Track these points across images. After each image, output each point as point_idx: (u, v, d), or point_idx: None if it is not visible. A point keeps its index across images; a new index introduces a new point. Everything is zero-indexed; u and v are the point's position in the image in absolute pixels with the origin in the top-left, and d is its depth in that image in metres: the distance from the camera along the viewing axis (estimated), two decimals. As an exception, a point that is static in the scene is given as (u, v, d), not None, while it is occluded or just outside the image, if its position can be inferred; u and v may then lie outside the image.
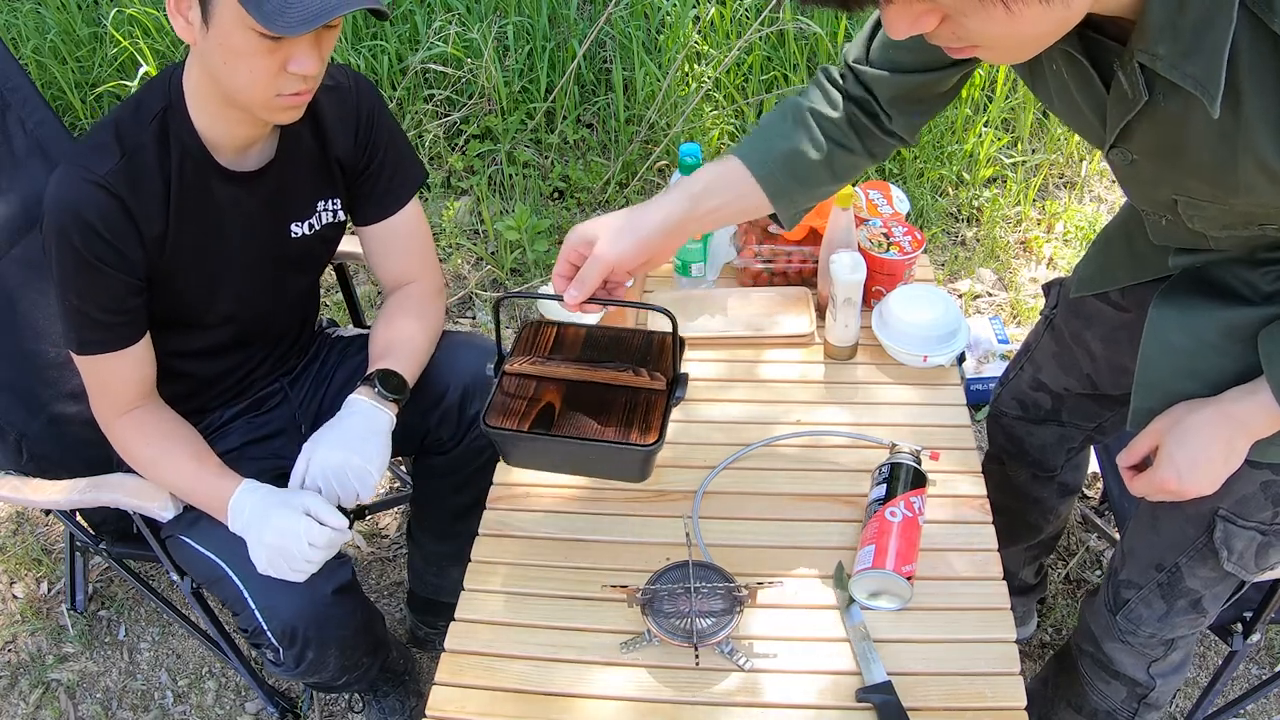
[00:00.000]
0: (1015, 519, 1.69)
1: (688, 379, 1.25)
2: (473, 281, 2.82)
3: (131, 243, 1.30)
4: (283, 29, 1.14)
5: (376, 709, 1.81)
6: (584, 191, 3.07)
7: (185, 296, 1.41)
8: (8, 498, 1.53)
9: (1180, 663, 1.40)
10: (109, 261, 1.28)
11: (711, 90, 3.09)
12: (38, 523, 2.30)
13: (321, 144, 1.44)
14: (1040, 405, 1.52)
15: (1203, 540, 1.21)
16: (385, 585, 2.12)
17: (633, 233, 1.14)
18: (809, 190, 1.24)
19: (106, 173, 1.25)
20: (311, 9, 1.14)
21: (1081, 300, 1.38)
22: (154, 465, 1.41)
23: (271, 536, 1.31)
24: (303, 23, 1.14)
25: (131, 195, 1.27)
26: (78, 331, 1.33)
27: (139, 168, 1.28)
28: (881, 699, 1.13)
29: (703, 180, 1.19)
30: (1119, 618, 1.36)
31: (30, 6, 3.35)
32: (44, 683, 2.01)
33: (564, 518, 1.40)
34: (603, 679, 1.20)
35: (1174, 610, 1.30)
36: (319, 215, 1.49)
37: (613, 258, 1.13)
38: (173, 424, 1.43)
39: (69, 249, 1.27)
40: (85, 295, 1.30)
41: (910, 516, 1.26)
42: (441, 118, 3.16)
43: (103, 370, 1.36)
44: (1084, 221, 2.88)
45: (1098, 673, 1.44)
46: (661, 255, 1.18)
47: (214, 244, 1.39)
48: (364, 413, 1.41)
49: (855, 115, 1.22)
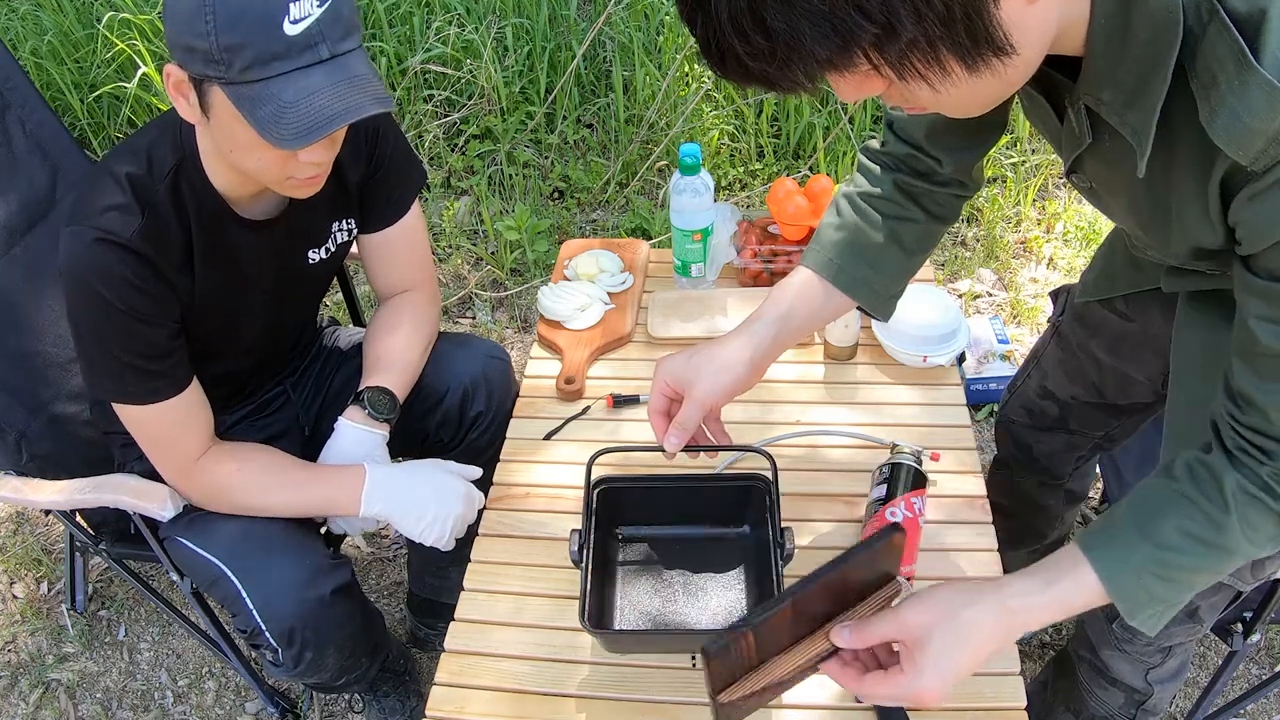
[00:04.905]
0: (1021, 524, 1.69)
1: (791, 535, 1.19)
2: (473, 281, 2.82)
3: (166, 294, 1.26)
4: (277, 141, 1.07)
5: (376, 709, 1.80)
6: (584, 191, 3.07)
7: (210, 338, 1.38)
8: (8, 498, 1.53)
9: (1178, 669, 1.40)
10: (146, 313, 1.24)
11: (711, 90, 3.09)
12: (38, 523, 2.30)
13: (338, 174, 1.40)
14: (1048, 413, 1.52)
15: None
16: (385, 585, 2.12)
17: (728, 372, 1.14)
18: (888, 273, 1.20)
19: (131, 235, 1.20)
20: (309, 120, 1.07)
21: (1088, 308, 1.38)
22: (259, 490, 1.38)
23: (439, 505, 1.36)
24: (298, 136, 1.07)
25: (158, 254, 1.23)
26: (135, 384, 1.28)
27: (160, 226, 1.24)
28: (881, 699, 1.13)
29: (785, 301, 1.18)
30: (1115, 626, 1.36)
31: (28, 8, 3.35)
32: (44, 683, 2.01)
33: (564, 518, 1.40)
34: (602, 679, 1.20)
35: (1170, 620, 1.30)
36: (334, 237, 1.48)
37: (711, 400, 1.14)
38: (247, 446, 1.41)
39: (103, 307, 1.22)
40: (131, 349, 1.25)
41: (911, 517, 1.26)
42: (441, 118, 3.16)
43: (167, 420, 1.32)
44: (1084, 222, 2.88)
45: (1095, 679, 1.44)
46: (748, 387, 1.17)
47: (237, 288, 1.37)
48: (355, 439, 1.43)
49: (903, 181, 1.18)
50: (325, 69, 1.08)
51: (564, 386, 1.59)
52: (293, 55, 1.06)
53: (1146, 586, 0.89)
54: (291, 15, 1.04)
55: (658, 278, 1.84)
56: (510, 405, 1.60)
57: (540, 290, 1.75)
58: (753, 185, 3.02)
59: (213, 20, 1.04)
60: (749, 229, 1.80)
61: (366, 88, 1.10)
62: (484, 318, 2.74)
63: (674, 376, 1.15)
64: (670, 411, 1.16)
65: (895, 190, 1.18)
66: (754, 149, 3.10)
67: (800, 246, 1.74)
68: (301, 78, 1.07)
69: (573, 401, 1.59)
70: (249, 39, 1.04)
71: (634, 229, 2.91)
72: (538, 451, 1.52)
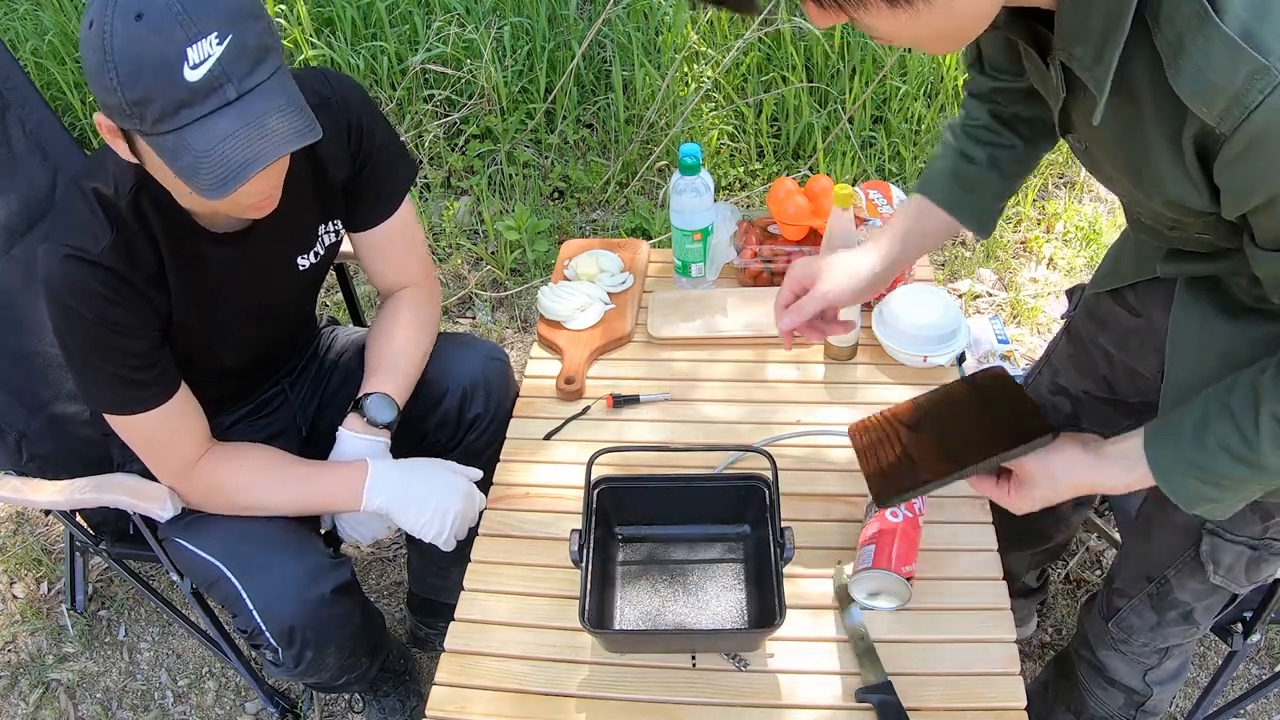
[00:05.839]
0: (1027, 524, 1.69)
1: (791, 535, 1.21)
2: (473, 282, 2.82)
3: (143, 306, 1.25)
4: (200, 192, 1.04)
5: (376, 709, 1.81)
6: (584, 191, 3.07)
7: (194, 348, 1.37)
8: (8, 498, 1.53)
9: (1177, 671, 1.40)
10: (123, 324, 1.23)
11: (711, 90, 3.09)
12: (38, 523, 2.30)
13: (320, 173, 1.38)
14: (1059, 409, 1.52)
15: (1190, 554, 1.21)
16: (385, 585, 2.12)
17: (855, 276, 1.26)
18: (983, 195, 1.28)
19: (101, 251, 1.19)
20: (224, 169, 1.03)
21: (1098, 302, 1.38)
22: (260, 489, 1.38)
23: (440, 499, 1.36)
24: (216, 186, 1.03)
25: (129, 269, 1.22)
26: (123, 394, 1.28)
27: (129, 243, 1.22)
28: (881, 699, 1.13)
29: (903, 223, 1.29)
30: (1112, 625, 1.36)
31: (27, 8, 3.35)
32: (44, 683, 2.01)
33: (564, 518, 1.40)
34: (602, 679, 1.20)
35: (1165, 621, 1.30)
36: (321, 240, 1.46)
37: (833, 295, 1.26)
38: (245, 446, 1.40)
39: (83, 323, 1.21)
40: (112, 360, 1.25)
41: (910, 517, 1.26)
42: (441, 118, 3.16)
43: (159, 427, 1.31)
44: (1083, 222, 2.88)
45: (1095, 679, 1.44)
46: (870, 295, 1.29)
47: (217, 301, 1.35)
48: (356, 448, 1.43)
49: (997, 110, 1.25)
50: (235, 110, 1.03)
51: (564, 386, 1.59)
52: (198, 101, 1.02)
53: (1195, 488, 0.98)
54: (190, 60, 1.00)
55: (658, 278, 1.84)
56: (510, 406, 1.60)
57: (540, 290, 1.75)
58: (753, 185, 3.02)
59: (115, 75, 1.01)
60: (749, 229, 1.80)
61: (283, 122, 1.05)
62: (484, 318, 2.74)
63: (804, 272, 1.27)
64: None
65: (991, 119, 1.26)
66: (754, 149, 3.10)
67: (800, 246, 1.74)
68: (211, 124, 1.03)
69: (573, 401, 1.59)
70: (151, 92, 1.01)
71: (634, 229, 2.91)
72: (538, 451, 1.52)
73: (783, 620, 1.11)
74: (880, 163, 3.01)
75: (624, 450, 1.29)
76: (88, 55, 1.03)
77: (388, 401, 1.46)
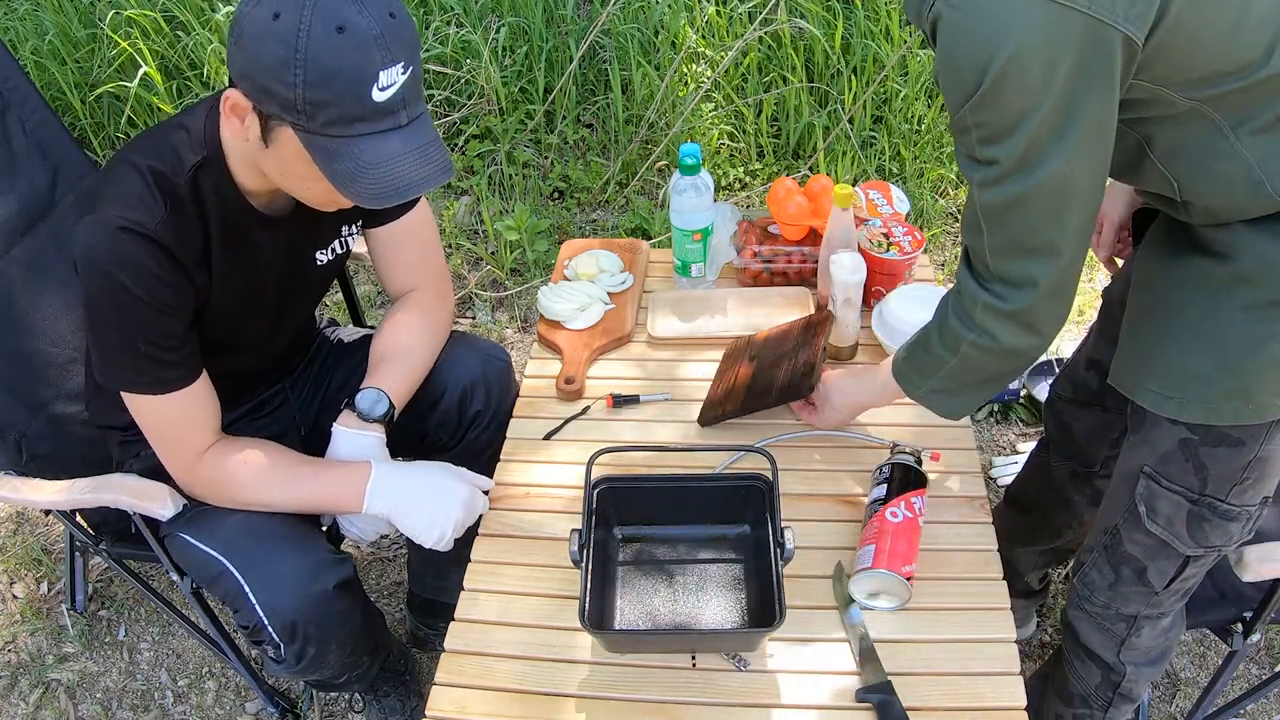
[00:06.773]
0: (1041, 519, 1.69)
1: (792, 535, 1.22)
2: (473, 282, 2.82)
3: (185, 285, 1.27)
4: (354, 198, 1.12)
5: (376, 709, 1.81)
6: (584, 191, 3.07)
7: (220, 333, 1.38)
8: (8, 498, 1.53)
9: (1153, 655, 1.40)
10: (166, 303, 1.25)
11: (710, 90, 3.09)
12: (38, 523, 2.30)
13: None
14: (1088, 385, 1.52)
15: (1132, 502, 1.23)
16: (385, 585, 2.12)
17: (1126, 193, 1.44)
18: None
19: (156, 226, 1.21)
20: (388, 184, 1.11)
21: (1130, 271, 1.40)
22: (264, 486, 1.38)
23: (441, 506, 1.36)
24: (377, 198, 1.12)
25: (179, 247, 1.24)
26: (149, 374, 1.28)
27: (182, 221, 1.24)
28: (881, 699, 1.13)
29: None
30: (1075, 580, 1.37)
31: (27, 8, 3.35)
32: (44, 683, 2.01)
33: (564, 518, 1.40)
34: (602, 679, 1.20)
35: (1121, 579, 1.31)
36: (342, 240, 1.48)
37: (1117, 217, 1.45)
38: (252, 441, 1.41)
39: (125, 296, 1.22)
40: (148, 338, 1.26)
41: (910, 517, 1.26)
42: (441, 118, 3.16)
43: (177, 411, 1.32)
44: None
45: (1075, 650, 1.45)
46: (1135, 207, 1.43)
47: (251, 284, 1.37)
48: (350, 443, 1.43)
49: None
50: (404, 135, 1.11)
51: (564, 386, 1.59)
52: (376, 119, 1.09)
53: (914, 379, 1.28)
54: (380, 82, 1.07)
55: (658, 278, 1.84)
56: (510, 405, 1.60)
57: (540, 290, 1.75)
58: (753, 185, 3.02)
59: (302, 74, 1.05)
60: (749, 229, 1.80)
61: (437, 156, 1.14)
62: (484, 318, 2.74)
63: None
64: None
65: None
66: (754, 149, 3.10)
67: (800, 246, 1.74)
68: (381, 142, 1.10)
69: (573, 401, 1.59)
70: (336, 99, 1.07)
71: (634, 229, 2.91)
72: (538, 451, 1.52)
73: (782, 620, 1.11)
74: (880, 163, 3.01)
75: (624, 450, 1.29)
76: (269, 43, 1.05)
77: (379, 395, 1.45)
